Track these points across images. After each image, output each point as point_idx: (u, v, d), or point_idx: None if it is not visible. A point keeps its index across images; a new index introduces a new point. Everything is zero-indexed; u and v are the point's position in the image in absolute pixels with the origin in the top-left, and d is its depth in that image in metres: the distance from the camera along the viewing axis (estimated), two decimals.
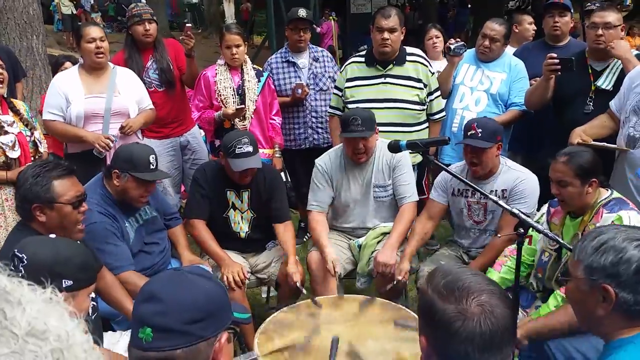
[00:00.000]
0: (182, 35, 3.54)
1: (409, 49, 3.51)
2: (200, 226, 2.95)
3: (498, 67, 3.60)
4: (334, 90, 3.71)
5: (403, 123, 3.40)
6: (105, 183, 2.64)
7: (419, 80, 3.42)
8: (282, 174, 3.50)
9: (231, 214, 3.03)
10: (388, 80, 3.41)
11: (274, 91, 3.88)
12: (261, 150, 3.47)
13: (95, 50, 3.18)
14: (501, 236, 2.73)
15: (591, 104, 3.07)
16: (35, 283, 0.63)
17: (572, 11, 3.69)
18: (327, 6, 12.89)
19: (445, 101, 3.66)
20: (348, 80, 3.51)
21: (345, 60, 4.22)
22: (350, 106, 3.47)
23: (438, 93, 3.54)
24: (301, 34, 3.98)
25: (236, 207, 3.03)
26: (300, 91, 3.93)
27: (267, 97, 3.77)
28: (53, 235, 1.89)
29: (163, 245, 2.84)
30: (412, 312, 2.33)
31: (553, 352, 2.10)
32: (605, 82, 3.07)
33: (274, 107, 3.82)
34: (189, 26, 3.69)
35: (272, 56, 4.20)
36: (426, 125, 3.55)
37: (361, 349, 2.13)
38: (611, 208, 2.25)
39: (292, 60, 4.04)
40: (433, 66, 3.61)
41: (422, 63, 3.46)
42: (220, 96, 3.62)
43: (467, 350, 1.11)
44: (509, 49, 3.81)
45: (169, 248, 2.91)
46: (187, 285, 1.14)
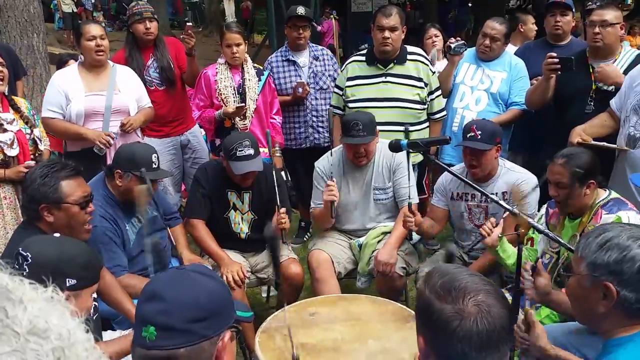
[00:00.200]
0: (183, 33, 3.55)
1: (410, 48, 3.50)
2: (200, 226, 2.95)
3: (498, 66, 3.60)
4: (335, 89, 3.70)
5: (404, 122, 3.39)
6: (107, 183, 2.64)
7: (420, 79, 3.41)
8: (283, 173, 3.49)
9: (232, 215, 3.03)
10: (389, 79, 3.41)
11: (275, 90, 3.87)
12: (261, 149, 3.47)
13: (95, 48, 3.18)
14: (502, 236, 2.73)
15: (592, 104, 3.07)
16: (39, 282, 0.63)
17: (574, 10, 3.68)
18: (328, 5, 12.85)
19: (445, 100, 3.66)
20: (349, 79, 3.50)
21: (346, 59, 4.21)
22: (350, 105, 3.46)
23: (439, 92, 3.54)
24: (300, 32, 3.97)
25: (237, 208, 3.02)
26: (301, 90, 3.92)
27: (268, 96, 3.76)
28: (57, 234, 1.90)
29: (163, 244, 2.83)
30: (410, 310, 2.33)
31: None
32: None
33: (275, 106, 3.81)
34: (190, 25, 3.69)
35: (273, 55, 4.18)
36: (427, 124, 3.54)
37: (362, 348, 2.13)
38: (610, 209, 2.25)
39: (293, 59, 4.03)
40: (433, 66, 3.60)
41: (423, 62, 3.46)
42: (220, 95, 3.61)
43: (465, 349, 1.12)
44: (510, 48, 3.81)
45: (170, 247, 2.91)
46: (190, 283, 1.14)
